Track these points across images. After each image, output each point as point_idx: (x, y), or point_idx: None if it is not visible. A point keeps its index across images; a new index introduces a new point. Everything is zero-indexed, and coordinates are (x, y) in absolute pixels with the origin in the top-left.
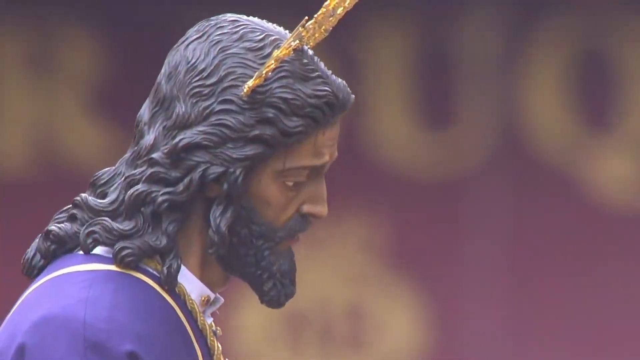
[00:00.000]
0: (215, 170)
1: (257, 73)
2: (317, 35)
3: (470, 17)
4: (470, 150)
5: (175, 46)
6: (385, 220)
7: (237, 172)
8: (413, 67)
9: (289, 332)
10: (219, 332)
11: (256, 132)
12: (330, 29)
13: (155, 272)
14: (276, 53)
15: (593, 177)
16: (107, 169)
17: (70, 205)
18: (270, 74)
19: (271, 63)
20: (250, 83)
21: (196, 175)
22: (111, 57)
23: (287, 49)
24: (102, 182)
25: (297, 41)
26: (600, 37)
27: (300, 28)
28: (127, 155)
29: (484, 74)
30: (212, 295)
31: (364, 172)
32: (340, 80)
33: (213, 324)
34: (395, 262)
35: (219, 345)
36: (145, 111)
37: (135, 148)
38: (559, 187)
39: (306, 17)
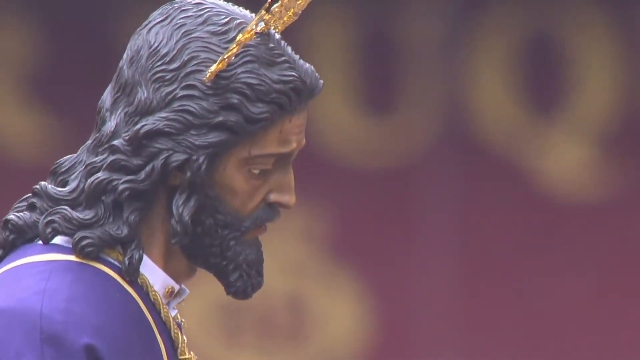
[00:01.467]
0: (178, 157)
1: (220, 58)
2: (285, 19)
3: (415, 1)
4: (414, 137)
5: (137, 30)
6: (327, 208)
7: (201, 159)
8: (356, 51)
9: (225, 323)
10: (184, 324)
11: (220, 118)
12: (300, 12)
13: (116, 263)
14: (239, 37)
15: (540, 163)
16: (68, 156)
17: (30, 194)
18: (235, 58)
19: (234, 47)
20: (213, 68)
21: (158, 162)
22: (43, 42)
23: (249, 32)
24: (63, 169)
25: (262, 25)
26: (546, 22)
27: (262, 11)
28: (88, 142)
29: (428, 58)
30: (177, 287)
31: (304, 159)
32: (308, 65)
33: (178, 315)
34: (337, 252)
35: (185, 338)
36: (107, 97)
37: (97, 135)
38: (507, 174)
39: (269, 0)
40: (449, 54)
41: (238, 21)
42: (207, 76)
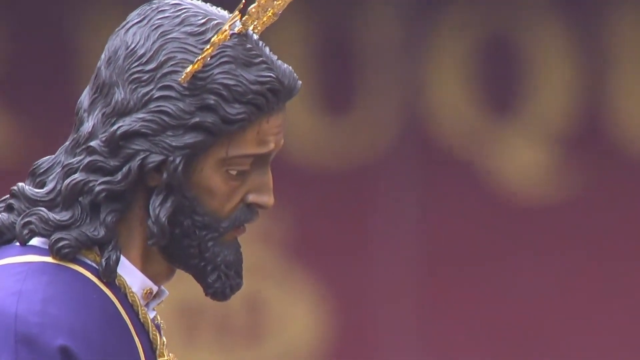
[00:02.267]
0: (155, 158)
1: (196, 59)
2: (264, 19)
3: (373, 2)
4: (372, 137)
5: (115, 30)
6: (285, 209)
7: (177, 160)
8: (314, 52)
9: (183, 323)
10: (163, 325)
11: (196, 119)
12: (279, 12)
13: (93, 264)
14: (214, 38)
15: (498, 164)
16: (47, 157)
17: (8, 195)
18: (211, 59)
19: (208, 48)
20: (189, 69)
21: (135, 164)
22: (4, 42)
23: (223, 33)
24: (42, 170)
25: (240, 26)
26: (503, 23)
27: (237, 12)
28: (67, 143)
29: (387, 59)
30: (155, 288)
31: None
32: (286, 65)
33: (158, 317)
34: (295, 253)
35: (164, 339)
36: (85, 98)
37: (75, 136)
38: (465, 175)
39: (243, 1)
40: (407, 55)
41: (215, 22)
42: (183, 77)
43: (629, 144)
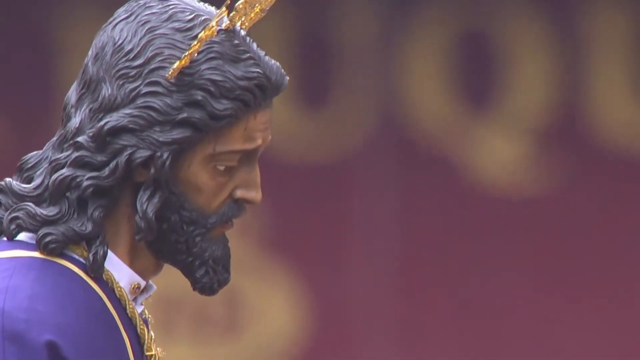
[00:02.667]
0: (142, 154)
1: (183, 55)
2: (252, 15)
3: None
4: (350, 132)
5: (103, 26)
6: (263, 203)
7: (165, 156)
8: (291, 47)
9: (161, 317)
10: (150, 320)
11: (184, 115)
12: (267, 8)
13: (81, 259)
14: (201, 34)
15: (475, 158)
16: (35, 152)
17: None
18: (199, 55)
19: (195, 44)
20: (176, 65)
21: (122, 159)
22: None
23: (210, 29)
24: (29, 166)
25: (227, 21)
26: (480, 17)
27: (224, 8)
28: (54, 138)
29: (363, 54)
30: (143, 283)
31: None
32: (274, 62)
33: (146, 311)
34: (273, 247)
35: (152, 334)
36: (72, 93)
37: (62, 131)
38: (442, 169)
39: None
40: (384, 49)
41: (203, 18)
42: (170, 73)
43: (605, 137)
